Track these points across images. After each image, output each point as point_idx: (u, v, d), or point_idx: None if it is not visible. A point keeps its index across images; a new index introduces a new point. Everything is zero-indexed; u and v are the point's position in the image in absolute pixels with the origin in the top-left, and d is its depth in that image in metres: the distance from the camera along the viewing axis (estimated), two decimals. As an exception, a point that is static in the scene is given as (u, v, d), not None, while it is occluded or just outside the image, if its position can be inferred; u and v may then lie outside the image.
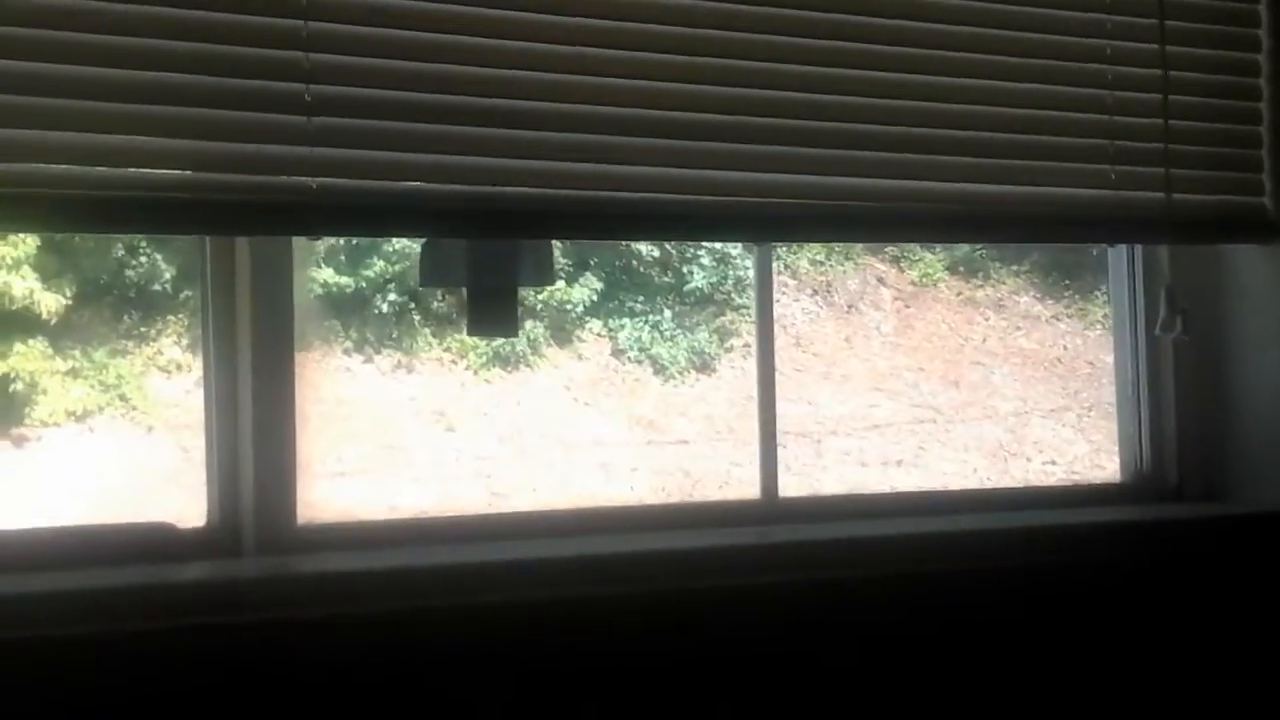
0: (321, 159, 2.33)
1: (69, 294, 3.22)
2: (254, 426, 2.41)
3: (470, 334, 2.67)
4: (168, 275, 3.20)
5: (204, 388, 2.46)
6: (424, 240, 2.56)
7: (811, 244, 3.89)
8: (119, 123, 2.23)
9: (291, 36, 2.33)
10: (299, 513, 2.45)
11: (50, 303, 3.29)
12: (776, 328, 2.89)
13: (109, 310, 3.18)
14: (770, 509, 2.74)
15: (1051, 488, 3.05)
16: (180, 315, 3.33)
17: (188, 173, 2.28)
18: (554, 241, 2.71)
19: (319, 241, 3.02)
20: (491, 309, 2.59)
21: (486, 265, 2.57)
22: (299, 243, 2.43)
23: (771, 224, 2.66)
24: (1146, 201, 2.87)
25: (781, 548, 2.59)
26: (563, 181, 2.49)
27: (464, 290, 2.62)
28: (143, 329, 3.24)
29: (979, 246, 4.21)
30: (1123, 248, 3.04)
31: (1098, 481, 3.12)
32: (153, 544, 2.36)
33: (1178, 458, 3.04)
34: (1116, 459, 3.09)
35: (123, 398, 3.28)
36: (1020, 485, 3.03)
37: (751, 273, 2.88)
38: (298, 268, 2.50)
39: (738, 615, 2.49)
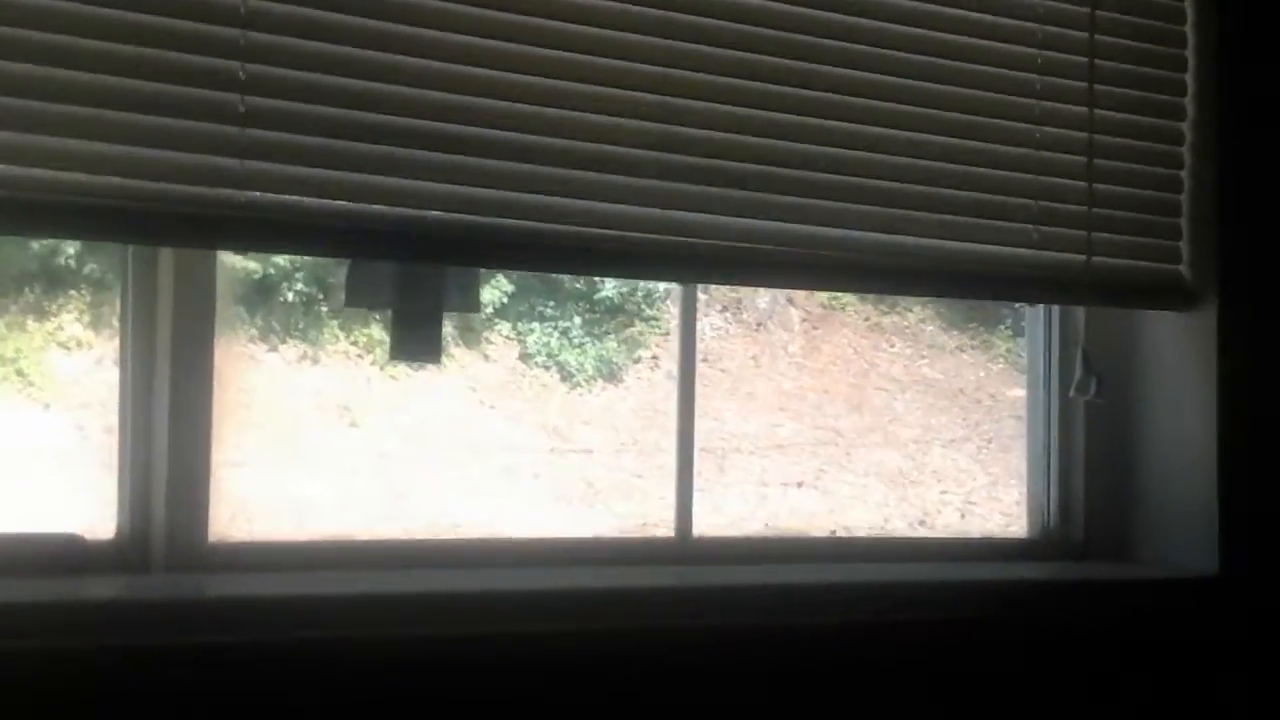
0: (252, 172, 2.31)
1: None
2: (169, 437, 2.39)
3: (393, 358, 2.65)
4: (71, 250, 3.15)
5: (119, 391, 2.44)
6: (350, 260, 2.53)
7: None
8: (44, 123, 2.19)
9: (229, 46, 2.30)
10: (210, 530, 2.43)
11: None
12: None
13: (10, 283, 3.12)
14: (684, 549, 2.75)
15: (958, 540, 3.08)
16: (83, 290, 3.27)
17: (115, 179, 2.24)
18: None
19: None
20: (416, 333, 2.57)
21: (412, 289, 2.55)
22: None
23: (697, 264, 2.66)
24: (1067, 263, 2.90)
25: (696, 592, 2.59)
26: (493, 210, 2.48)
27: (389, 313, 2.60)
28: (44, 303, 3.18)
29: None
30: (1040, 307, 3.07)
31: (1005, 536, 3.15)
32: (60, 556, 2.32)
33: (1085, 516, 3.07)
34: (1014, 492, 3.13)
35: (20, 373, 3.21)
36: (930, 536, 3.05)
37: (662, 286, 2.88)
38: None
39: (648, 657, 2.48)
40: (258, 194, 2.32)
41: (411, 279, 2.56)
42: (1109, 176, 2.93)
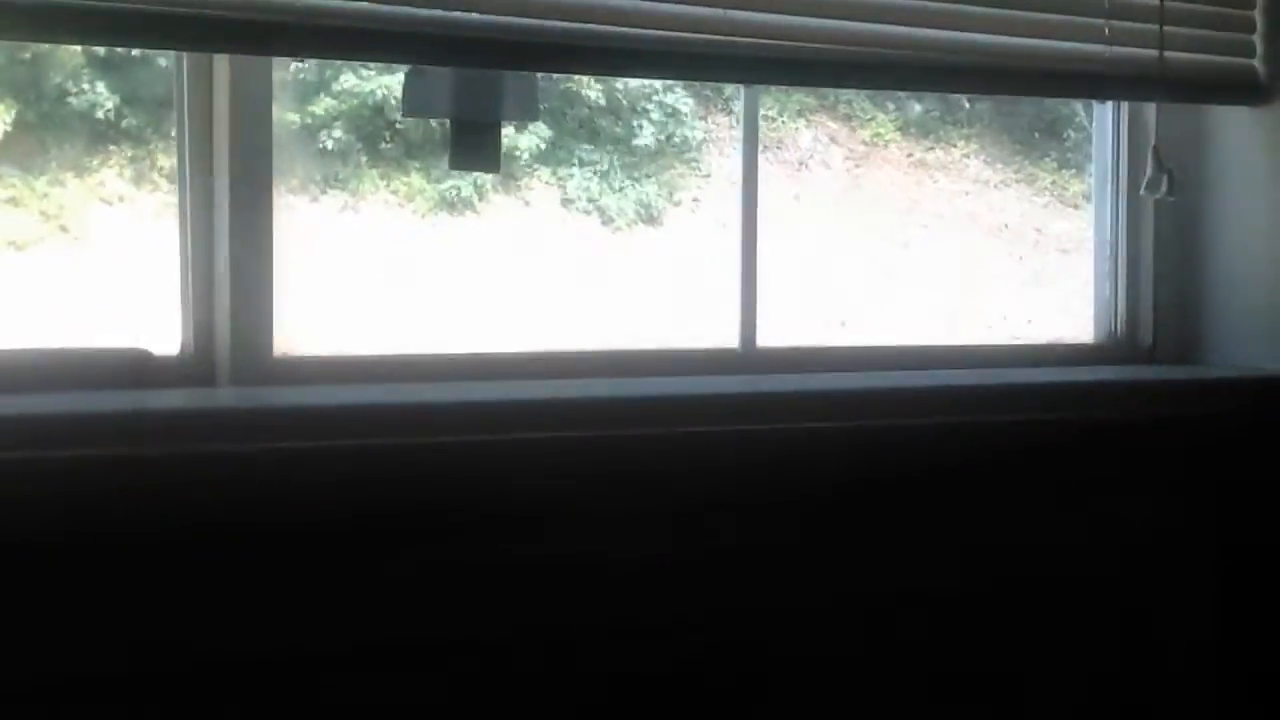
0: (306, -24, 2.25)
1: (7, 122, 3.13)
2: (230, 256, 2.35)
3: (452, 167, 2.61)
4: (110, 105, 3.12)
5: (179, 215, 2.39)
6: (407, 69, 2.49)
7: (764, 98, 3.84)
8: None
9: None
10: (275, 345, 2.40)
11: (-14, 130, 3.18)
12: (726, 183, 2.86)
13: (50, 139, 3.10)
14: (748, 358, 2.72)
15: (1024, 346, 3.05)
16: (123, 146, 3.24)
17: (166, -15, 2.19)
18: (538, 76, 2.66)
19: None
20: (474, 143, 2.53)
21: (470, 98, 2.51)
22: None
23: (761, 66, 2.61)
24: (1139, 59, 2.85)
25: (762, 397, 2.56)
26: (550, 12, 2.42)
27: (446, 122, 2.56)
28: (85, 159, 3.16)
29: (931, 108, 4.20)
30: (1109, 106, 3.03)
31: (1071, 342, 3.13)
32: (126, 370, 2.30)
33: (1153, 321, 3.05)
34: (1076, 326, 3.10)
35: (64, 228, 3.20)
36: (992, 343, 3.02)
37: (698, 132, 2.84)
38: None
39: (716, 462, 2.46)
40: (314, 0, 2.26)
41: (468, 88, 2.51)
42: (1182, -32, 2.88)
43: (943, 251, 4.27)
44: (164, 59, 2.55)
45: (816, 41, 2.61)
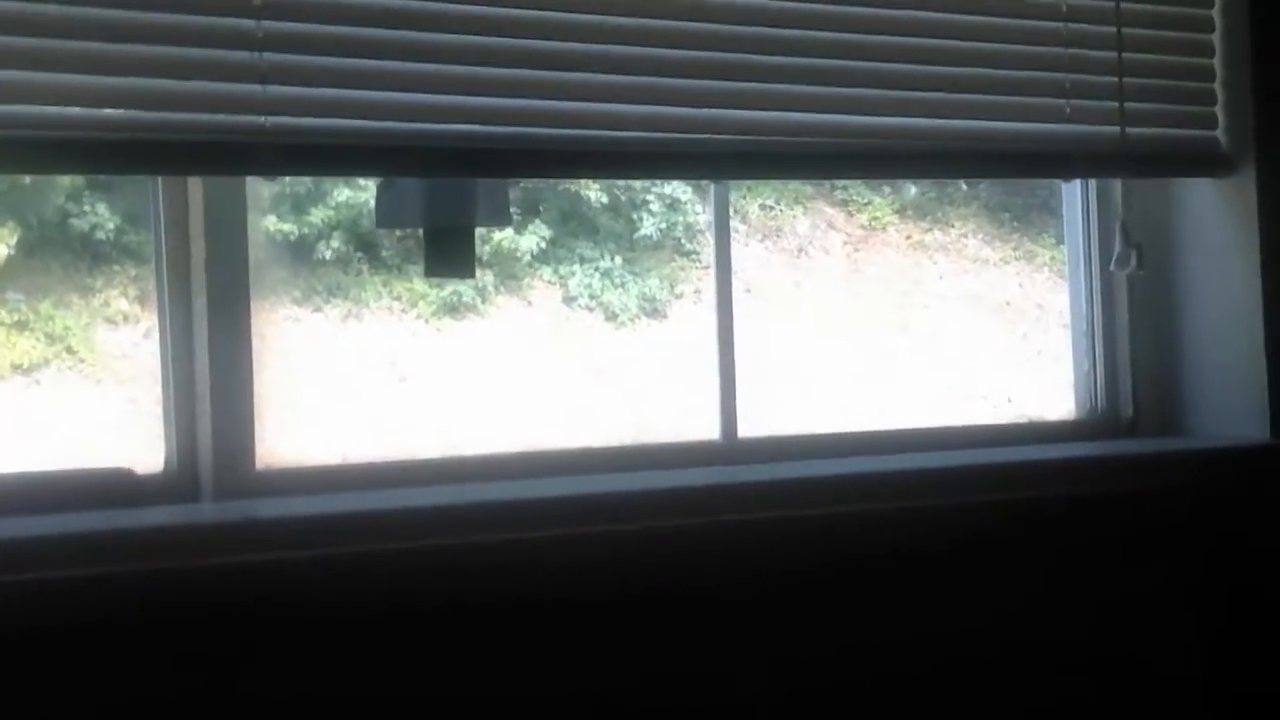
0: (273, 97, 2.29)
1: (11, 244, 3.16)
2: (211, 370, 2.39)
3: (427, 275, 2.65)
4: (112, 225, 3.15)
5: (159, 332, 2.44)
6: (379, 180, 2.53)
7: (762, 187, 3.88)
8: (63, 60, 2.19)
9: (241, -29, 2.29)
10: (258, 457, 2.43)
11: (-9, 255, 3.22)
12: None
13: (54, 261, 3.12)
14: (730, 449, 2.74)
15: (1006, 425, 3.06)
16: (126, 265, 3.27)
17: (135, 112, 2.24)
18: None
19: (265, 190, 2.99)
20: (448, 250, 2.57)
21: (443, 206, 2.55)
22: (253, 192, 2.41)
23: (727, 161, 2.65)
24: (1101, 136, 2.88)
25: (742, 488, 2.59)
26: (518, 119, 2.47)
27: (420, 232, 2.60)
28: (89, 280, 3.18)
29: (928, 190, 4.21)
30: (1077, 184, 3.05)
31: (1052, 419, 3.13)
32: (110, 489, 2.33)
33: (1132, 394, 3.06)
34: (1066, 400, 3.10)
35: (70, 350, 3.22)
36: (975, 423, 3.03)
37: (701, 218, 2.87)
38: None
39: (698, 554, 2.48)
40: (281, 118, 2.30)
41: (441, 196, 2.55)
42: (1139, 45, 2.90)
43: (944, 331, 4.27)
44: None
45: (780, 135, 2.65)
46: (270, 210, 3.44)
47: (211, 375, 2.39)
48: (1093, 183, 3.04)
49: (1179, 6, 2.95)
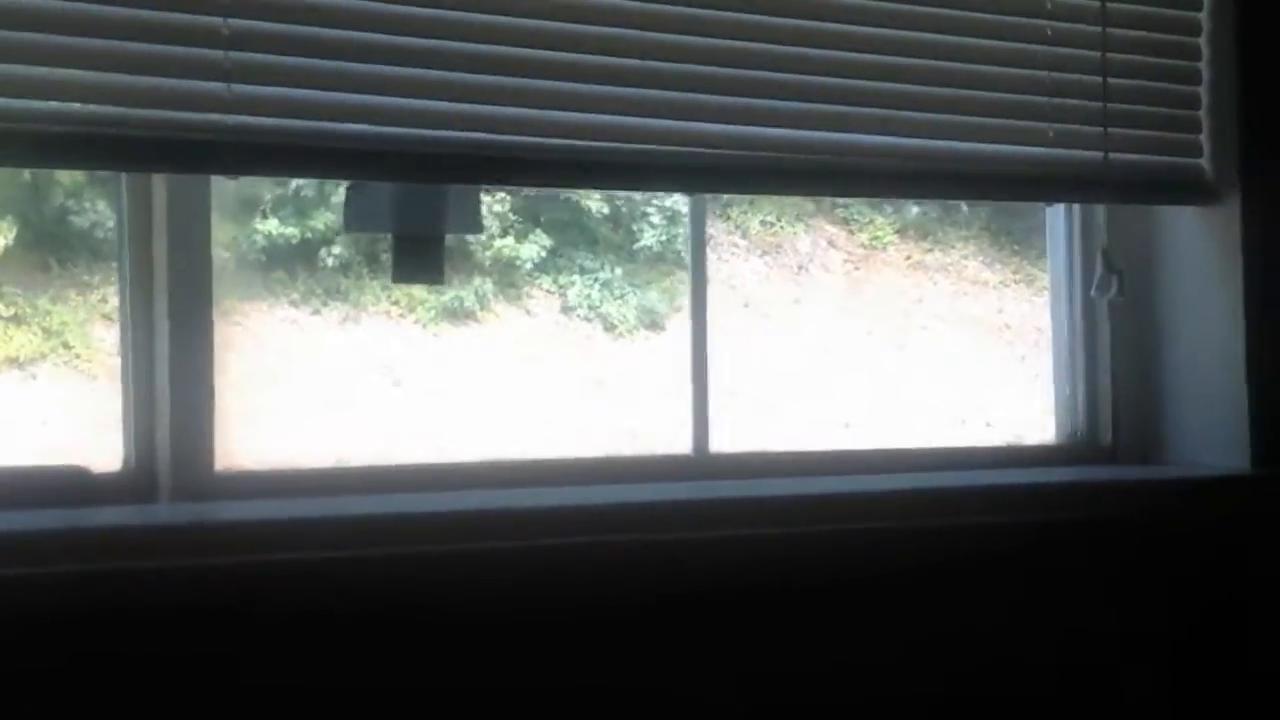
0: (239, 96, 2.28)
1: (10, 239, 3.17)
2: (170, 370, 2.37)
3: (395, 280, 2.64)
4: (110, 223, 3.16)
5: (119, 330, 2.43)
6: (348, 184, 2.52)
7: (762, 204, 3.88)
8: (27, 54, 2.17)
9: (209, -33, 2.28)
10: (218, 460, 2.42)
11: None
12: (725, 288, 2.87)
13: (53, 257, 3.13)
14: (700, 464, 2.72)
15: (985, 448, 3.04)
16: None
17: (97, 107, 2.23)
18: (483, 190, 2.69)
19: (266, 192, 2.99)
20: (417, 255, 2.55)
21: (412, 211, 2.54)
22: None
23: (706, 174, 2.63)
24: (1084, 160, 2.86)
25: (711, 504, 2.56)
26: (493, 126, 2.45)
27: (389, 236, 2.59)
28: (86, 277, 3.19)
29: (930, 210, 4.21)
30: (1060, 208, 3.03)
31: (1033, 444, 3.12)
32: (65, 488, 2.32)
33: (1113, 420, 3.04)
34: (1051, 425, 3.09)
35: (66, 345, 3.23)
36: (951, 446, 3.01)
37: (707, 231, 2.86)
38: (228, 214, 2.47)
39: (665, 569, 2.46)
40: (247, 118, 2.29)
41: (410, 201, 2.54)
42: (1124, 70, 2.88)
43: (940, 352, 4.25)
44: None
45: (762, 150, 2.63)
46: (272, 214, 3.45)
47: (171, 375, 2.38)
48: (1076, 208, 3.02)
49: (1165, 33, 2.93)
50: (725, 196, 3.44)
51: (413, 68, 2.39)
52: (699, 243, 2.78)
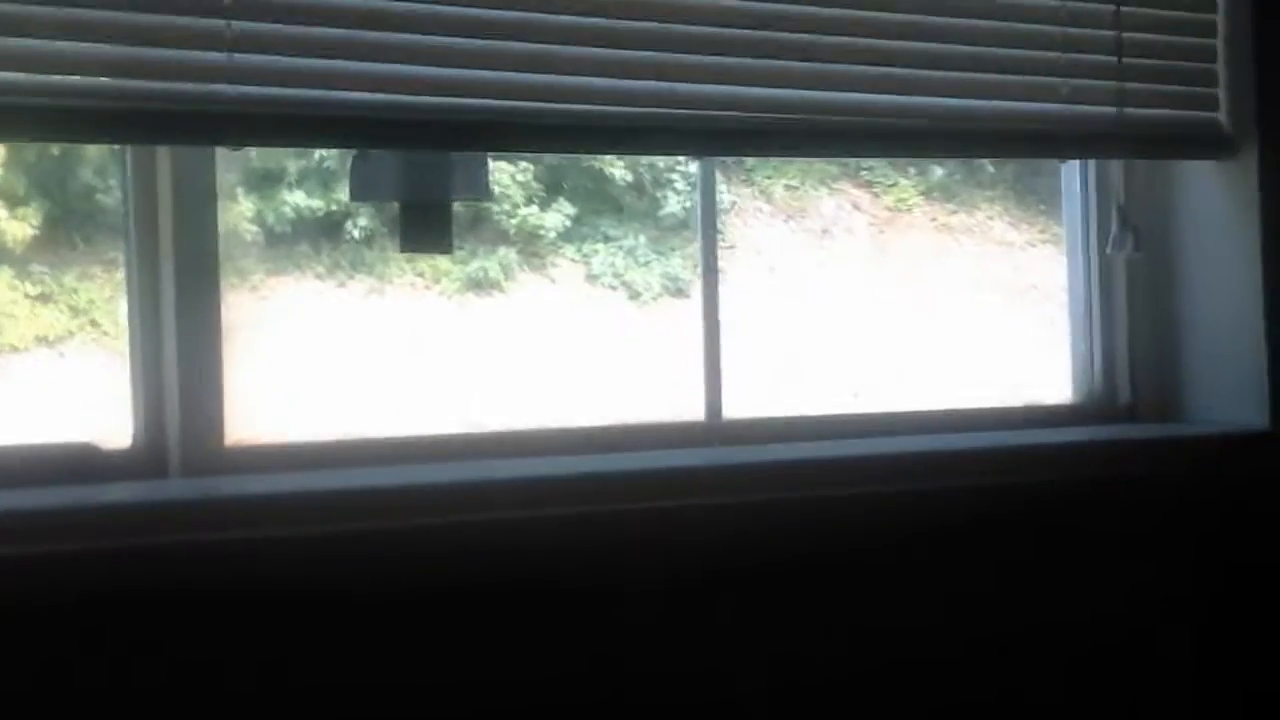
0: (241, 65, 2.26)
1: (36, 220, 3.18)
2: (178, 344, 2.36)
3: (402, 250, 2.63)
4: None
5: (126, 305, 2.42)
6: (354, 153, 2.51)
7: (787, 168, 3.86)
8: (23, 25, 2.15)
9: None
10: (228, 435, 2.41)
11: (16, 230, 3.25)
12: (750, 253, 2.86)
13: (78, 234, 3.14)
14: (714, 430, 2.71)
15: (1001, 409, 3.02)
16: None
17: (96, 79, 2.21)
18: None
19: (291, 164, 3.00)
20: (424, 224, 2.54)
21: (419, 180, 2.53)
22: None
23: (716, 138, 2.60)
24: (1098, 116, 2.83)
25: (725, 470, 2.55)
26: (497, 92, 2.42)
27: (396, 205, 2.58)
28: (113, 254, 3.20)
29: (954, 171, 4.20)
30: (1075, 165, 3.01)
31: (1050, 404, 3.10)
32: (75, 464, 2.31)
33: (1130, 378, 3.02)
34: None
35: (94, 323, 3.24)
36: (969, 407, 2.99)
37: (726, 197, 2.84)
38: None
39: (680, 536, 2.44)
40: (249, 88, 2.27)
41: (417, 169, 2.53)
42: (1138, 24, 2.85)
43: (968, 315, 4.24)
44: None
45: (767, 111, 2.60)
46: (298, 186, 3.45)
47: (179, 349, 2.37)
48: (1092, 164, 3.00)
49: (1181, -15, 2.90)
50: (749, 161, 3.42)
51: (416, 34, 2.37)
52: (709, 207, 2.76)
